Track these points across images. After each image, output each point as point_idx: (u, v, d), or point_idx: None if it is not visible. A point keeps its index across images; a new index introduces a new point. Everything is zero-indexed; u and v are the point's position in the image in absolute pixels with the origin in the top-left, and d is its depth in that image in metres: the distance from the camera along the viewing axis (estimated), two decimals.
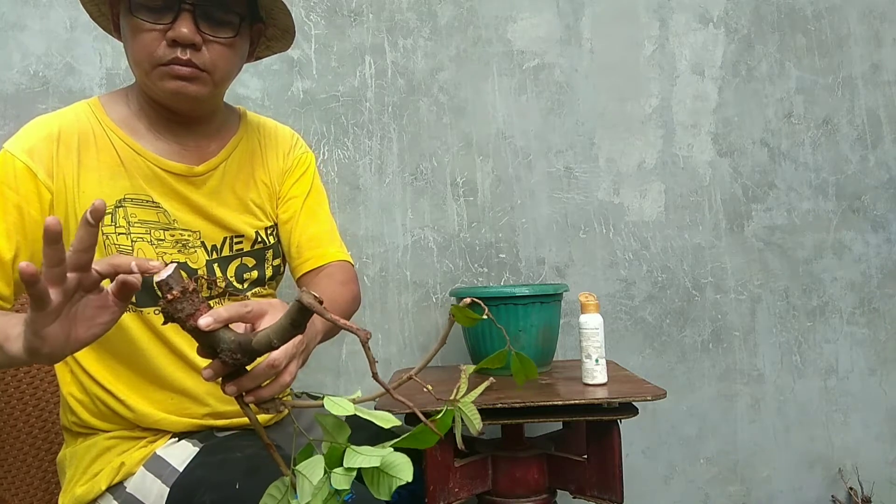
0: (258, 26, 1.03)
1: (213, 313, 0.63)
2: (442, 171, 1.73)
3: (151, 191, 0.99)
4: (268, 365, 0.69)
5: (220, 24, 0.94)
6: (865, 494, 1.76)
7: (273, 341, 0.62)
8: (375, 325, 1.69)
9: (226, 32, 0.94)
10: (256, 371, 0.68)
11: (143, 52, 0.92)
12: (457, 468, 1.23)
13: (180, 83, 0.93)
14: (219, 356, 0.64)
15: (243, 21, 0.96)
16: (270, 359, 0.69)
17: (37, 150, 0.93)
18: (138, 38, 0.92)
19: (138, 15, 0.91)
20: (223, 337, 0.64)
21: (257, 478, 0.90)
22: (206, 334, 0.63)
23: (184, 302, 0.61)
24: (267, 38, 1.08)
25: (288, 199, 1.15)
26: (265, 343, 0.62)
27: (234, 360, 0.64)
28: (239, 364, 0.65)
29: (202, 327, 0.62)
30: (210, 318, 0.63)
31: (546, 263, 1.75)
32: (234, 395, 0.67)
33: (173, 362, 1.00)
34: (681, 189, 1.78)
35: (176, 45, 0.91)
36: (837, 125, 1.82)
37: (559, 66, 1.77)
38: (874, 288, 1.81)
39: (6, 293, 0.91)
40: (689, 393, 1.76)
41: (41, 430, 1.23)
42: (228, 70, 0.98)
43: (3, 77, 1.58)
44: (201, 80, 0.94)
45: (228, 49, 0.95)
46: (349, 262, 1.19)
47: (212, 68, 0.94)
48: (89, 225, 0.61)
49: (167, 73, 0.92)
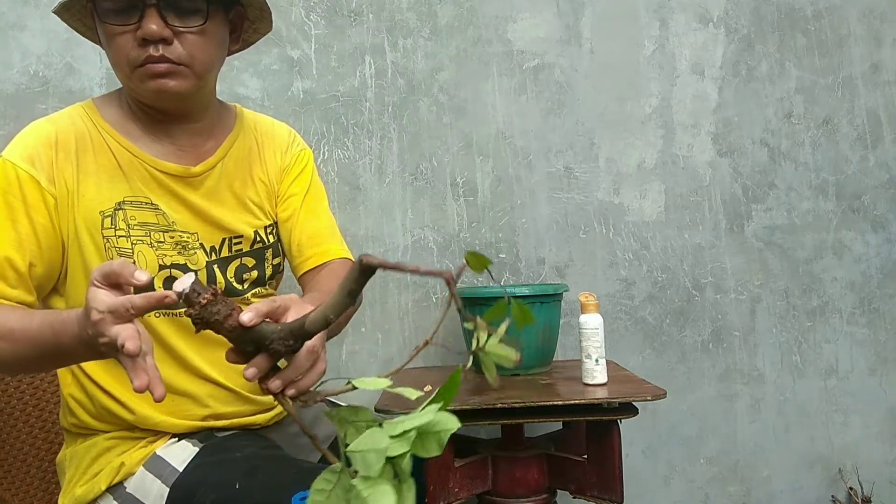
0: (237, 9, 1.01)
1: (251, 308, 0.63)
2: (442, 171, 1.73)
3: (150, 193, 0.99)
4: (308, 351, 0.69)
5: (188, 13, 0.91)
6: (865, 494, 1.76)
7: (329, 316, 0.60)
8: (375, 324, 1.69)
9: (194, 21, 0.92)
10: (299, 361, 0.68)
11: (118, 56, 0.91)
12: (457, 468, 1.23)
13: (160, 81, 0.92)
14: (267, 349, 0.63)
15: (211, 5, 0.93)
16: (308, 346, 0.68)
17: (37, 158, 0.93)
18: (112, 43, 0.91)
19: (107, 20, 0.90)
20: (267, 329, 0.63)
21: (257, 478, 0.90)
22: (249, 331, 0.62)
23: (217, 304, 0.61)
24: (251, 21, 1.05)
25: (287, 196, 1.14)
26: (321, 321, 0.60)
27: (287, 346, 0.63)
28: (292, 350, 0.64)
29: (246, 323, 0.62)
30: (251, 312, 0.63)
31: (546, 263, 1.75)
32: (278, 389, 0.66)
33: (173, 366, 1.00)
34: (681, 189, 1.78)
35: (147, 44, 0.89)
36: (837, 125, 1.82)
37: (559, 66, 1.77)
38: (874, 288, 1.81)
39: (30, 300, 0.92)
40: (689, 393, 1.76)
41: (41, 430, 1.23)
42: (207, 60, 0.95)
43: (3, 77, 1.58)
44: (180, 74, 0.92)
45: (201, 37, 0.93)
46: (351, 258, 1.19)
47: (189, 60, 0.92)
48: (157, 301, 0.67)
49: (145, 73, 0.91)
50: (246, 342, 0.63)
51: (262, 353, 0.64)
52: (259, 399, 1.09)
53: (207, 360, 1.02)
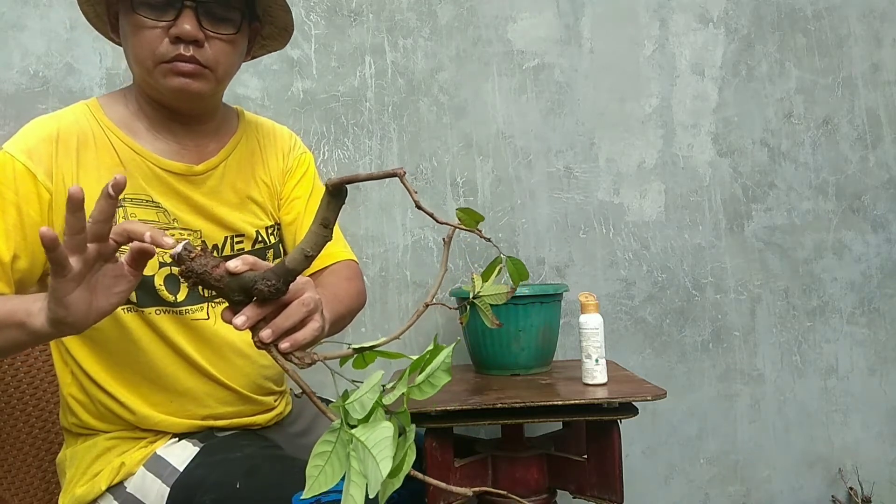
0: (255, 25, 1.03)
1: (238, 258, 0.66)
2: (442, 171, 1.73)
3: (151, 190, 0.99)
4: (299, 303, 0.70)
5: (222, 20, 0.94)
6: (865, 494, 1.76)
7: (306, 251, 0.62)
8: (375, 325, 1.69)
9: (227, 29, 0.95)
10: (289, 310, 0.69)
11: (145, 50, 0.92)
12: (457, 468, 1.23)
13: (184, 80, 0.93)
14: (253, 292, 0.65)
15: (244, 18, 0.97)
16: (300, 298, 0.71)
17: (36, 151, 0.93)
18: (140, 35, 0.92)
19: (140, 12, 0.91)
20: (251, 274, 0.65)
21: (257, 477, 0.91)
22: (236, 278, 0.65)
23: (205, 257, 0.64)
24: (263, 37, 1.08)
25: (291, 199, 1.15)
26: (299, 258, 0.63)
27: (269, 286, 0.65)
28: (277, 292, 0.65)
29: (232, 269, 0.65)
30: (238, 261, 0.66)
31: (546, 263, 1.75)
32: (269, 339, 0.67)
33: (175, 362, 1.00)
34: (681, 189, 1.78)
35: (179, 42, 0.91)
36: (837, 125, 1.82)
37: (559, 66, 1.77)
38: (874, 288, 1.81)
39: (8, 293, 0.91)
40: (689, 393, 1.76)
41: (41, 430, 1.23)
42: (230, 67, 0.98)
43: (3, 77, 1.58)
44: (204, 76, 0.94)
45: (230, 46, 0.96)
46: (355, 260, 1.20)
47: (214, 65, 0.94)
48: (109, 197, 0.65)
49: (170, 70, 0.92)
50: (234, 290, 0.65)
51: (251, 301, 0.66)
52: (259, 399, 1.09)
53: (209, 359, 1.02)
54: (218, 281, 0.64)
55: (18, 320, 0.75)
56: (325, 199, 0.59)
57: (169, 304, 0.99)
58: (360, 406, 0.56)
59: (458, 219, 0.66)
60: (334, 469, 0.55)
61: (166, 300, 0.99)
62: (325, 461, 0.56)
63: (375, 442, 0.52)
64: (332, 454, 0.56)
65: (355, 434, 0.54)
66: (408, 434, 0.56)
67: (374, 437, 0.53)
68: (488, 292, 0.69)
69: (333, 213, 0.60)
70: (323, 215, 0.60)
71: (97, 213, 0.65)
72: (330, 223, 0.60)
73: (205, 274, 0.64)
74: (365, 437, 0.53)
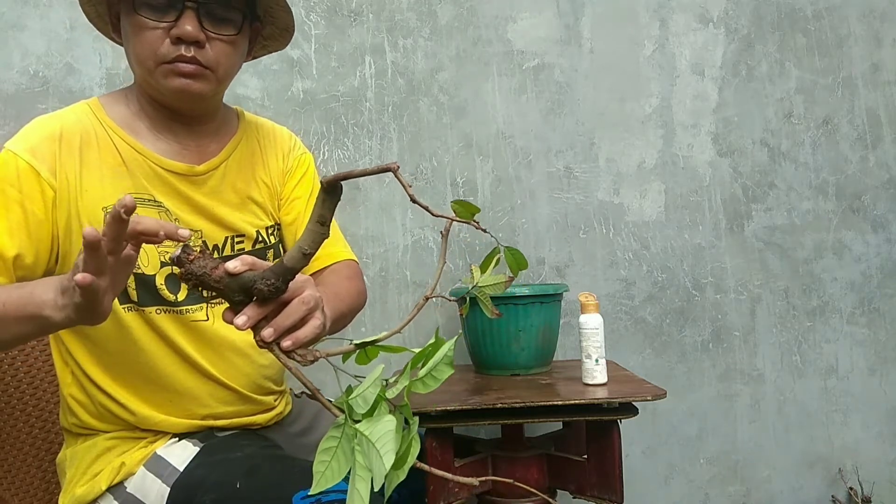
0: (256, 26, 1.04)
1: (238, 259, 0.66)
2: (442, 171, 1.73)
3: (153, 190, 0.99)
4: (300, 301, 0.71)
5: (223, 21, 0.94)
6: (865, 494, 1.76)
7: (304, 249, 0.63)
8: (375, 324, 1.69)
9: (228, 30, 0.95)
10: (289, 308, 0.70)
11: (146, 50, 0.92)
12: (457, 468, 1.23)
13: (185, 81, 0.93)
14: (253, 292, 0.65)
15: (245, 19, 0.97)
16: (300, 296, 0.71)
17: (39, 149, 0.93)
18: (141, 35, 0.92)
19: (141, 13, 0.91)
20: (250, 273, 0.66)
21: (257, 477, 0.91)
22: (236, 278, 0.65)
23: (204, 259, 0.65)
24: (263, 38, 1.09)
25: (291, 200, 1.15)
26: (297, 256, 0.63)
27: (269, 285, 0.65)
28: (277, 291, 0.66)
29: (231, 270, 0.65)
30: (237, 261, 0.66)
31: (546, 263, 1.75)
32: (271, 338, 0.67)
33: (175, 362, 1.00)
34: (681, 189, 1.78)
35: (180, 43, 0.91)
36: (837, 125, 1.82)
37: (559, 66, 1.77)
38: (874, 288, 1.81)
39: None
40: (689, 393, 1.76)
41: (41, 430, 1.23)
42: (230, 67, 0.98)
43: (3, 77, 1.58)
44: (205, 77, 0.95)
45: (231, 46, 0.96)
46: (355, 260, 1.20)
47: (215, 65, 0.95)
48: (121, 220, 0.64)
49: (171, 70, 0.93)
50: (234, 291, 0.66)
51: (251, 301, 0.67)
52: (259, 399, 1.09)
53: (209, 358, 1.02)
54: (217, 282, 0.65)
55: (31, 313, 0.76)
56: (321, 196, 0.60)
57: (169, 303, 0.99)
58: (363, 401, 0.56)
59: (454, 211, 0.66)
60: (340, 464, 0.55)
61: (167, 300, 0.99)
62: (330, 456, 0.56)
63: (379, 435, 0.53)
64: (338, 449, 0.56)
65: (359, 428, 0.54)
66: (411, 426, 0.57)
67: (378, 431, 0.53)
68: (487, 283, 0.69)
69: (329, 211, 0.60)
70: (319, 213, 0.60)
71: (111, 234, 0.65)
72: (326, 220, 0.60)
73: (204, 276, 0.64)
74: (368, 431, 0.54)
